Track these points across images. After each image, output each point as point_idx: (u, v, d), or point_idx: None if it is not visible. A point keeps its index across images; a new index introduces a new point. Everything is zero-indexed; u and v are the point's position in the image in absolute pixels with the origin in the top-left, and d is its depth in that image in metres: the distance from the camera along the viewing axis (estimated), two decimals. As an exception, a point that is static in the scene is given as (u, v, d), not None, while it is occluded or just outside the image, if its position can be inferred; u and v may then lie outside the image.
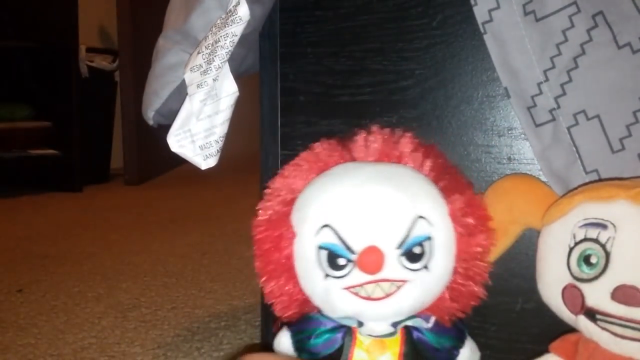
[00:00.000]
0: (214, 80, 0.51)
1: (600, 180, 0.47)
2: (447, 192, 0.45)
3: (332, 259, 0.42)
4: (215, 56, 0.50)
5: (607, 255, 0.38)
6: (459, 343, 0.46)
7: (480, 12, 0.50)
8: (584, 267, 0.40)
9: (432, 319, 0.45)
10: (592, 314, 0.39)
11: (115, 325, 0.84)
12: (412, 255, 0.42)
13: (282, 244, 0.45)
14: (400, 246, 0.42)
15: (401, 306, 0.43)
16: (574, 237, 0.41)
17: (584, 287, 0.40)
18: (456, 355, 0.46)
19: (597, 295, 0.39)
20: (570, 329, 0.43)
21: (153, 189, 2.34)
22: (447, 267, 0.44)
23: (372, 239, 0.42)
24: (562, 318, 0.43)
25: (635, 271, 0.37)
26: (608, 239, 0.39)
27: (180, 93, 0.55)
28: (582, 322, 0.40)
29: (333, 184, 0.44)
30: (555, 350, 0.44)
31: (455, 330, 0.46)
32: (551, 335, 0.45)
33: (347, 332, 0.45)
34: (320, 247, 0.43)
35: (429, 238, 0.42)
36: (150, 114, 0.60)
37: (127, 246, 1.34)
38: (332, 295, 0.43)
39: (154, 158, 2.46)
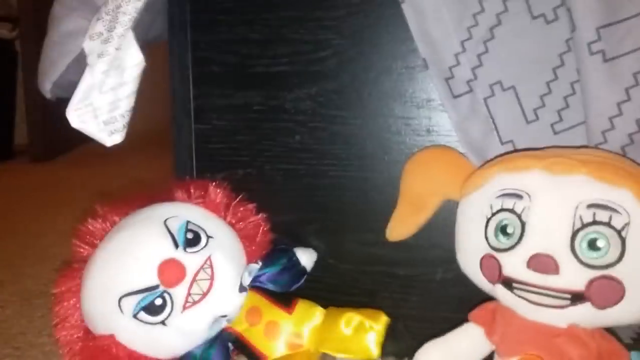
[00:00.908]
0: (117, 49, 0.47)
1: (516, 150, 0.48)
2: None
3: (153, 309, 0.44)
4: (116, 23, 0.46)
5: (523, 225, 0.39)
6: (290, 253, 0.52)
7: (398, -20, 0.49)
8: (501, 237, 0.40)
9: (259, 260, 0.50)
10: (509, 283, 0.40)
11: (21, 314, 0.79)
12: (191, 240, 0.47)
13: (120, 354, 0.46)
14: (177, 246, 0.46)
15: (225, 275, 0.47)
16: (491, 208, 0.41)
17: (501, 256, 0.40)
18: (297, 262, 0.51)
19: (514, 264, 0.39)
20: (489, 298, 0.44)
21: (62, 166, 2.22)
22: (218, 224, 0.50)
23: (158, 262, 0.45)
24: (480, 287, 0.44)
25: (549, 240, 0.38)
26: (523, 209, 0.39)
27: (80, 63, 0.51)
28: (500, 291, 0.41)
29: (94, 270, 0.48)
30: (474, 318, 0.45)
31: (278, 249, 0.52)
32: (471, 304, 0.46)
33: (225, 337, 0.47)
34: (136, 316, 0.45)
35: (187, 221, 0.48)
36: (47, 86, 0.55)
37: (33, 228, 1.26)
38: (188, 328, 0.45)
39: (63, 132, 2.31)
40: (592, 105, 0.45)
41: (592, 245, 0.37)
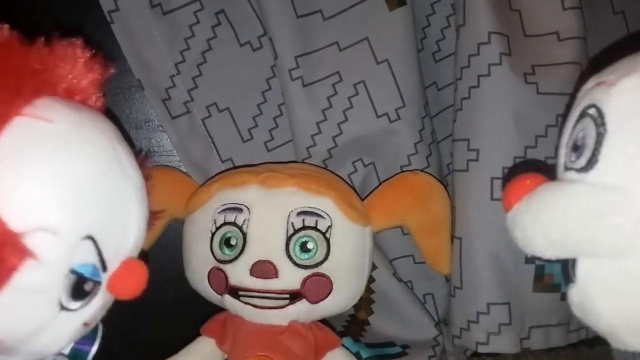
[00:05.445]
0: None
1: (235, 167, 0.51)
2: None
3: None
4: None
5: (245, 235, 0.42)
6: None
7: (105, 0, 0.47)
8: (225, 249, 0.42)
9: None
10: (235, 292, 0.42)
11: None
12: None
13: None
14: None
15: None
16: (215, 223, 0.43)
17: (226, 267, 0.42)
18: None
19: (238, 273, 0.42)
20: (220, 310, 0.46)
21: None
22: None
23: None
24: (211, 300, 0.45)
25: (268, 247, 0.41)
26: (244, 221, 0.42)
27: None
28: (228, 300, 0.43)
29: None
30: (205, 332, 0.46)
31: None
32: (204, 319, 0.47)
33: None
34: None
35: None
36: None
37: None
38: None
39: None
40: (297, 125, 0.50)
41: (304, 247, 0.41)
